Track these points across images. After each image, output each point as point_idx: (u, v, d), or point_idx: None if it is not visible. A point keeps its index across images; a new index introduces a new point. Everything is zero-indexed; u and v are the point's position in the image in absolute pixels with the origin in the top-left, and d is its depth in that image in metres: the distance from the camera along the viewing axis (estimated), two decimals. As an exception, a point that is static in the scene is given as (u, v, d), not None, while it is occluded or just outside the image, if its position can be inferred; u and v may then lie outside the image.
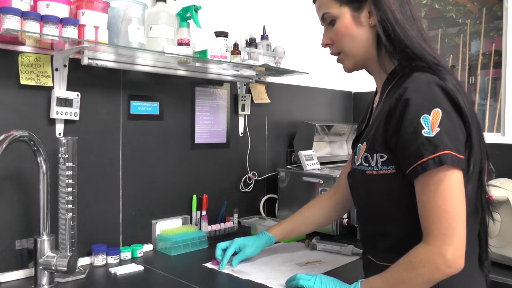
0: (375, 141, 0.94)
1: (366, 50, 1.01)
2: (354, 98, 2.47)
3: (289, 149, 2.07)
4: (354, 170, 1.02)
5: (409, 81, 0.90)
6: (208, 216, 1.68)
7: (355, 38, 1.00)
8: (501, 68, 1.99)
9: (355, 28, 0.99)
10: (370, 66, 1.06)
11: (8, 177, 1.24)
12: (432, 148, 0.84)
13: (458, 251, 0.84)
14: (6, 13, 1.09)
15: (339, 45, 1.03)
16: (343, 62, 1.06)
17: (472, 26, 2.08)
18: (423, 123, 0.85)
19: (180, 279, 1.24)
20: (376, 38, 0.99)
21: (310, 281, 1.02)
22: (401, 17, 0.96)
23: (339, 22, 1.01)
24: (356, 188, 1.05)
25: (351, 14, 0.99)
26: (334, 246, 1.50)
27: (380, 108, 0.98)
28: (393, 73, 0.99)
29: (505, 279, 1.25)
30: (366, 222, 1.06)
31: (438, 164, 0.83)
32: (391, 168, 0.92)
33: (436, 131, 0.84)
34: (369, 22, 0.99)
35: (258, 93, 1.91)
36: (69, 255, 1.16)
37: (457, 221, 0.84)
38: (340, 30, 1.01)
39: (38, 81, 1.28)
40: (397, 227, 0.95)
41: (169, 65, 1.57)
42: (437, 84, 0.88)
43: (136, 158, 1.52)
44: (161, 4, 1.48)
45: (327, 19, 1.03)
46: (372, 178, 0.95)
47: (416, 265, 0.86)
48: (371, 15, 0.98)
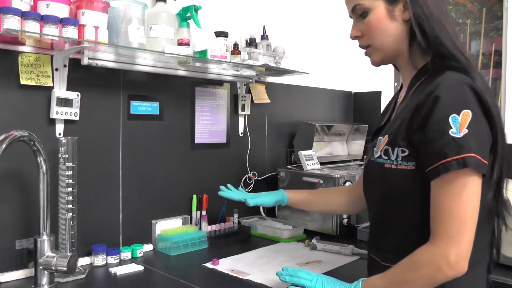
0: (399, 135, 0.92)
1: (397, 45, 0.99)
2: (354, 98, 2.47)
3: (289, 149, 2.07)
4: (372, 162, 1.00)
5: (441, 78, 0.88)
6: (208, 216, 1.68)
7: (387, 32, 0.98)
8: (501, 68, 1.99)
9: (388, 22, 0.97)
10: (399, 61, 1.03)
11: (8, 177, 1.24)
12: (457, 148, 0.82)
13: (462, 254, 0.83)
14: (6, 13, 1.09)
15: (370, 38, 1.00)
16: (372, 55, 1.03)
17: (472, 26, 2.08)
18: (451, 123, 0.83)
19: (180, 279, 1.24)
20: (409, 33, 0.97)
21: (311, 282, 1.01)
22: (436, 12, 0.94)
23: (371, 15, 0.98)
24: (371, 180, 1.03)
25: (385, 7, 0.97)
26: (334, 246, 1.50)
27: (407, 103, 0.97)
28: (423, 70, 0.97)
29: (505, 279, 1.25)
30: (375, 218, 1.04)
31: (461, 165, 0.82)
32: (411, 165, 0.90)
33: (464, 132, 0.82)
34: (403, 16, 0.96)
35: (258, 93, 1.91)
36: (69, 255, 1.16)
37: (467, 226, 0.83)
38: (373, 23, 0.98)
39: (38, 81, 1.28)
40: (406, 225, 0.94)
41: (169, 65, 1.57)
42: (469, 85, 0.86)
43: (136, 158, 1.52)
44: (161, 4, 1.48)
45: (359, 11, 1.00)
46: (390, 172, 0.93)
47: (419, 265, 0.86)
48: (405, 9, 0.96)
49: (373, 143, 1.05)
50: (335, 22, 2.34)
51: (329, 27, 2.31)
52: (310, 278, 1.02)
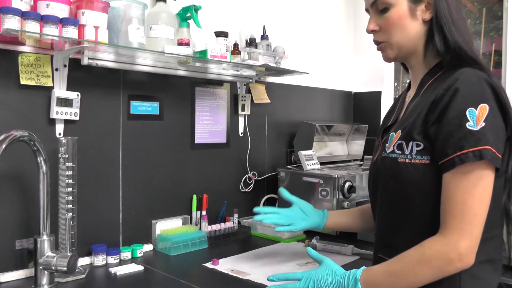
0: (414, 128, 0.92)
1: (413, 44, 0.99)
2: (354, 98, 2.47)
3: (289, 149, 2.07)
4: (384, 158, 0.99)
5: (459, 73, 0.89)
6: (208, 216, 1.68)
7: (406, 29, 0.98)
8: (501, 68, 1.99)
9: (409, 20, 0.97)
10: (412, 60, 1.03)
11: (8, 177, 1.24)
12: (474, 141, 0.83)
13: (472, 247, 0.84)
14: (6, 13, 1.09)
15: (387, 33, 1.00)
16: (386, 50, 1.03)
17: (472, 26, 2.08)
18: (468, 116, 0.84)
19: (180, 279, 1.24)
20: (426, 34, 0.97)
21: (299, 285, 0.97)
22: (457, 17, 0.95)
23: (393, 11, 0.98)
24: (383, 176, 1.01)
25: (408, 5, 0.97)
26: (334, 246, 1.50)
27: (420, 99, 0.97)
28: (437, 67, 0.98)
29: (505, 279, 1.24)
30: (386, 215, 1.03)
31: (478, 158, 0.82)
32: (425, 159, 0.90)
33: (481, 125, 0.83)
34: (423, 16, 0.97)
35: (258, 93, 1.91)
36: (69, 255, 1.16)
37: (478, 219, 0.84)
38: (393, 19, 0.98)
39: (38, 81, 1.28)
40: (420, 221, 0.93)
41: (169, 65, 1.57)
42: (487, 81, 0.87)
43: (136, 158, 1.52)
44: (161, 4, 1.48)
45: (380, 6, 1.00)
46: (404, 166, 0.93)
47: (430, 258, 0.85)
48: (427, 10, 0.96)
49: (383, 140, 1.04)
50: (335, 22, 2.34)
51: (329, 27, 2.31)
52: (297, 285, 0.98)
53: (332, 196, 1.69)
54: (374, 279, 0.91)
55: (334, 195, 1.69)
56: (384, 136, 1.05)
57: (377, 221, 1.08)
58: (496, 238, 0.93)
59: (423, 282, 0.87)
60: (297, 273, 1.00)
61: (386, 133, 1.04)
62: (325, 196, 1.71)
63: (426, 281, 0.87)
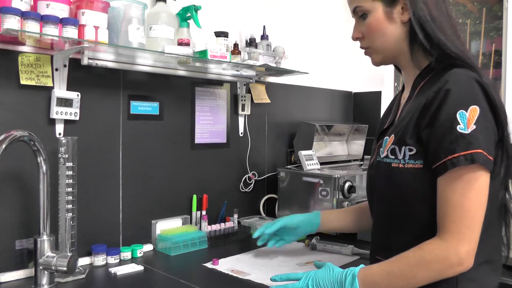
0: (406, 133, 0.92)
1: (396, 46, 1.00)
2: (354, 98, 2.47)
3: (289, 149, 2.07)
4: (379, 162, 1.00)
5: (449, 74, 0.89)
6: (208, 216, 1.68)
7: (386, 34, 0.99)
8: (501, 68, 1.99)
9: (386, 24, 0.98)
10: (400, 62, 1.04)
11: (8, 177, 1.24)
12: (465, 144, 0.83)
13: (471, 251, 0.84)
14: (6, 13, 1.09)
15: (370, 39, 1.02)
16: (372, 55, 1.04)
17: (472, 26, 2.08)
18: (458, 119, 0.84)
19: (180, 279, 1.24)
20: (409, 35, 0.97)
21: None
22: (437, 14, 0.94)
23: (370, 17, 0.99)
24: (378, 181, 1.03)
25: (384, 9, 0.98)
26: (334, 246, 1.50)
27: (413, 102, 0.97)
28: (428, 69, 0.98)
29: (505, 279, 1.24)
30: (382, 219, 1.03)
31: (469, 161, 0.82)
32: (419, 163, 0.90)
33: (472, 128, 0.83)
34: (402, 18, 0.97)
35: (258, 93, 1.91)
36: (69, 255, 1.16)
37: (476, 222, 0.84)
38: (372, 25, 0.99)
39: (38, 81, 1.28)
40: (416, 224, 0.93)
41: (169, 65, 1.57)
42: (477, 81, 0.87)
43: (136, 158, 1.52)
44: (161, 4, 1.48)
45: (359, 13, 1.01)
46: (398, 171, 0.93)
47: (430, 261, 0.85)
48: (404, 11, 0.96)
49: (378, 144, 1.05)
50: (335, 22, 2.34)
51: (329, 27, 2.31)
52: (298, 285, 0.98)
53: (332, 196, 1.69)
54: (372, 277, 0.91)
55: (334, 195, 1.69)
56: (379, 140, 1.05)
57: (374, 223, 1.08)
58: (494, 237, 0.93)
59: (421, 284, 0.87)
60: (298, 274, 1.01)
61: (382, 136, 1.05)
62: (325, 196, 1.71)
63: (424, 283, 0.87)
